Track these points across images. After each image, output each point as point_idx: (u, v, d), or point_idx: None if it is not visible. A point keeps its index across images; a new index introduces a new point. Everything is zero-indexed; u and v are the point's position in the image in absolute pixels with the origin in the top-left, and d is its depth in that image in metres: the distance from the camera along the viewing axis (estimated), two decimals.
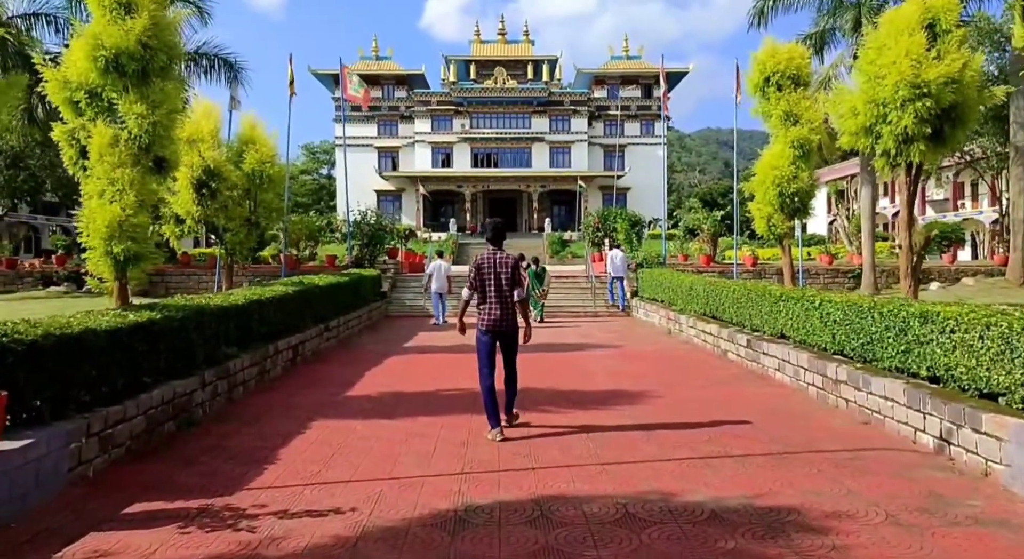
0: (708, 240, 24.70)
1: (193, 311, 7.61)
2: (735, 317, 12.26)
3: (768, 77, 15.77)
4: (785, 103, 15.56)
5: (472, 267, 6.89)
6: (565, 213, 57.35)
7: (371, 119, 59.35)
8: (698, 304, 14.40)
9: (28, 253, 45.52)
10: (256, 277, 21.06)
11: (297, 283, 12.54)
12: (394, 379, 10.03)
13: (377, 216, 22.34)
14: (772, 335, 10.60)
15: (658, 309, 17.11)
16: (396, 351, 13.09)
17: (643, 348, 13.49)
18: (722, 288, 13.07)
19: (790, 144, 15.62)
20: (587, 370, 10.78)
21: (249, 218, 15.63)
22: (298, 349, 11.16)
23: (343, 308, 14.60)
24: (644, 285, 19.11)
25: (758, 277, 22.28)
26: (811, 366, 8.66)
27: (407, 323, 18.17)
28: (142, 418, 6.16)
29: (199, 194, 14.46)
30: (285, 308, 10.84)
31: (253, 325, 9.52)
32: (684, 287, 15.38)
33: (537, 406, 8.03)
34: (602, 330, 16.59)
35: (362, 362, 11.61)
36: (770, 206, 16.13)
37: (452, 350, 13.01)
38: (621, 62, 60.72)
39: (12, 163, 24.40)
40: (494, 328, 6.75)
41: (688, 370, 10.86)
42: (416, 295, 20.74)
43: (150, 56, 10.70)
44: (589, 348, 13.37)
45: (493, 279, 6.71)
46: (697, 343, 13.68)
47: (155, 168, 11.30)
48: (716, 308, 13.34)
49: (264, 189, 15.64)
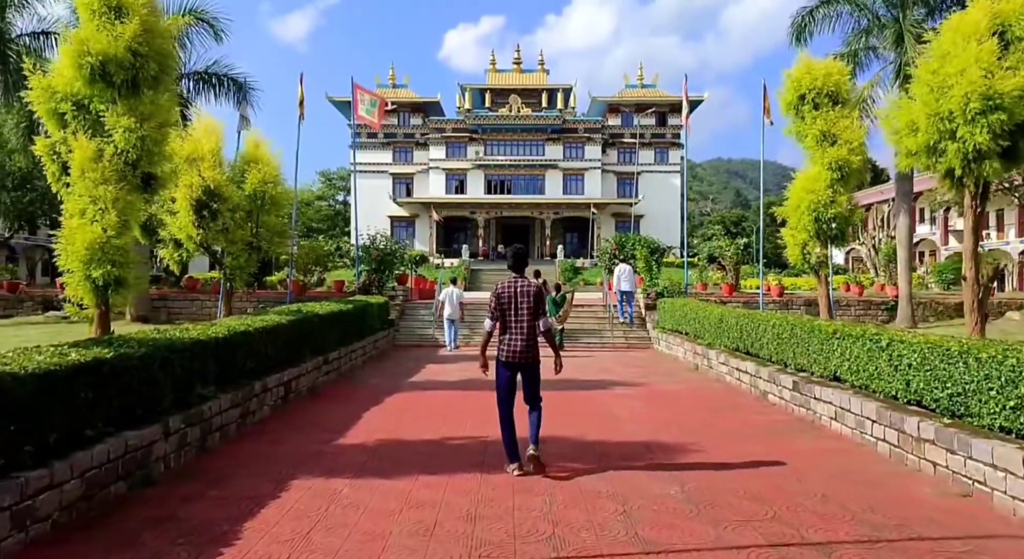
0: (731, 269, 23.35)
1: (160, 346, 6.37)
2: (775, 354, 10.90)
3: (803, 95, 14.62)
4: (822, 122, 14.37)
5: (492, 296, 6.41)
6: (578, 240, 56.19)
7: (387, 146, 58.76)
8: (729, 338, 13.05)
9: (45, 276, 44.71)
10: (261, 303, 19.90)
11: (294, 312, 11.32)
12: (395, 422, 8.73)
13: (386, 240, 21.18)
14: (823, 377, 9.24)
15: (682, 342, 15.75)
16: (401, 386, 11.79)
17: (670, 387, 12.12)
18: (759, 321, 11.72)
19: (827, 166, 14.42)
20: (613, 414, 9.43)
21: (251, 241, 14.48)
22: (291, 385, 9.89)
23: (346, 338, 13.35)
24: (665, 316, 17.77)
25: (784, 308, 20.88)
26: (881, 418, 7.29)
27: (415, 353, 16.89)
28: (78, 482, 4.90)
29: (199, 216, 13.35)
30: (277, 340, 9.60)
31: (238, 360, 8.27)
32: (712, 319, 14.04)
33: (560, 461, 6.70)
34: (622, 363, 15.24)
35: (362, 400, 10.32)
36: (805, 233, 14.88)
37: (461, 386, 11.71)
38: (636, 90, 59.87)
39: (19, 185, 23.50)
40: (514, 360, 6.25)
41: (726, 415, 9.49)
42: (425, 323, 19.48)
43: (140, 65, 9.66)
44: (611, 386, 12.02)
45: (514, 308, 6.26)
46: (730, 381, 12.30)
47: (143, 186, 10.21)
48: (751, 343, 11.98)
49: (267, 211, 14.52)
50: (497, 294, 6.36)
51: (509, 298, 6.30)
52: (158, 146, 10.05)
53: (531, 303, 6.28)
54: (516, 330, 6.26)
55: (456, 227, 57.03)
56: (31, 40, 20.07)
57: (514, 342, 6.25)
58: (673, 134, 59.64)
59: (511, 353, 6.25)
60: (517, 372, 6.33)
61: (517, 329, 6.26)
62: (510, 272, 6.50)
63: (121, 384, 5.63)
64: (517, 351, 6.23)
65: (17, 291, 22.24)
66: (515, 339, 6.25)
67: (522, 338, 6.25)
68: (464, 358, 15.73)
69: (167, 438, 6.16)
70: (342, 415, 9.13)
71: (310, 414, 9.25)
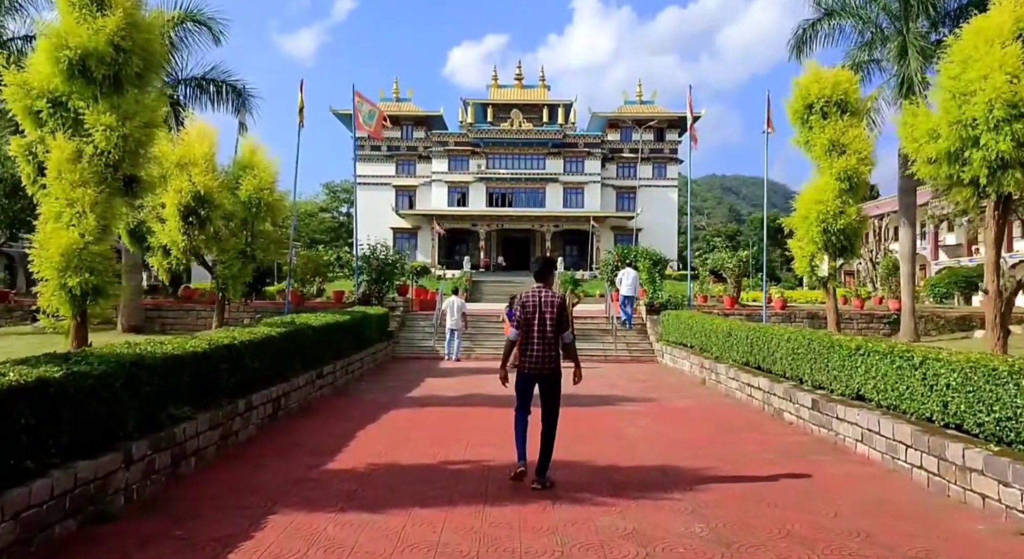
0: (732, 281, 22.56)
1: (125, 363, 5.56)
2: (789, 370, 10.09)
3: (811, 104, 13.88)
4: (831, 131, 13.63)
5: (518, 305, 6.27)
6: (577, 253, 55.47)
7: (390, 158, 58.17)
8: (738, 353, 12.24)
9: None
10: (258, 314, 19.08)
11: (286, 323, 10.52)
12: (391, 443, 7.90)
13: (387, 250, 20.40)
14: (844, 395, 8.43)
15: (688, 355, 14.94)
16: (399, 402, 10.96)
17: (680, 403, 11.29)
18: (771, 335, 10.92)
19: (836, 176, 13.67)
20: (623, 435, 8.61)
21: (244, 250, 13.68)
22: (281, 402, 9.07)
23: (342, 351, 12.54)
24: (670, 328, 16.97)
25: (787, 321, 20.06)
26: (917, 443, 6.47)
27: (415, 366, 16.06)
28: (10, 524, 4.08)
29: (186, 222, 12.56)
30: (266, 353, 8.79)
31: (220, 376, 7.46)
32: (720, 332, 13.24)
33: (571, 492, 5.89)
34: (627, 378, 14.41)
35: (357, 417, 9.50)
36: (813, 244, 14.10)
37: (462, 402, 10.90)
38: (635, 106, 59.32)
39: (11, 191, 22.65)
40: (533, 370, 6.09)
41: (742, 436, 8.66)
42: (426, 335, 18.66)
43: (123, 60, 8.89)
44: (619, 402, 11.20)
45: (537, 318, 6.08)
46: (740, 398, 11.49)
47: (125, 189, 9.42)
48: (763, 358, 11.18)
49: (262, 218, 13.72)
50: (522, 303, 6.17)
51: (533, 308, 6.10)
52: (142, 147, 9.28)
53: (555, 314, 6.06)
54: (538, 340, 6.04)
55: (458, 239, 56.30)
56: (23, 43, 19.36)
57: (534, 352, 6.05)
58: (671, 149, 59.10)
59: (531, 364, 6.06)
60: (535, 383, 6.13)
61: (540, 339, 6.04)
62: (535, 282, 6.32)
63: (74, 407, 4.82)
64: (536, 361, 6.04)
65: (7, 300, 21.40)
66: (535, 349, 6.05)
67: (544, 349, 6.04)
68: (465, 371, 14.91)
69: (129, 467, 5.34)
70: (334, 434, 8.32)
71: (299, 433, 8.43)
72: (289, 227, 16.13)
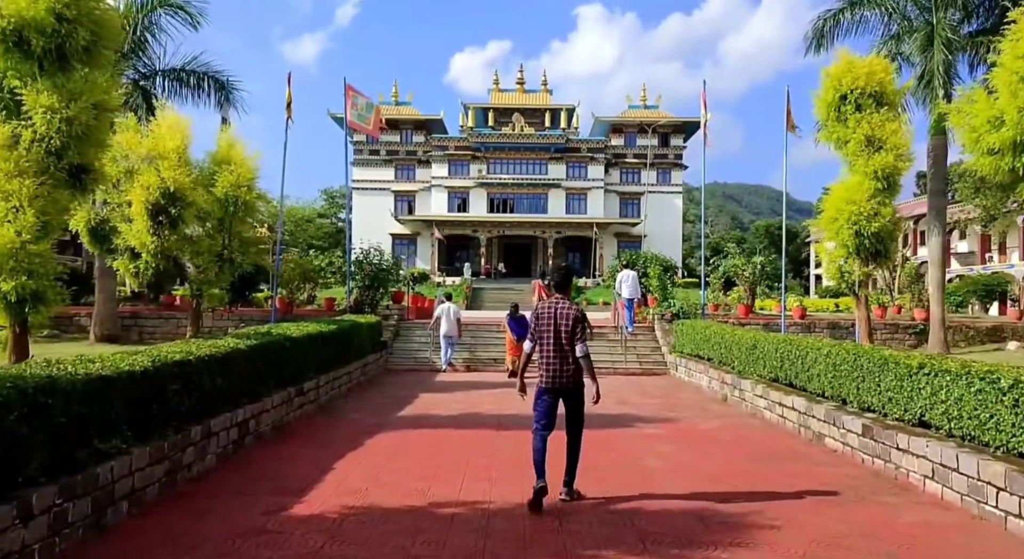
0: (747, 289, 21.40)
1: (26, 389, 4.39)
2: (829, 388, 8.91)
3: (844, 95, 12.73)
4: (866, 125, 12.47)
5: (533, 316, 6.05)
6: (580, 260, 54.37)
7: (388, 163, 57.17)
8: (766, 367, 11.06)
9: None
10: (243, 322, 17.91)
11: (261, 334, 9.35)
12: (372, 475, 6.72)
13: (380, 254, 19.23)
14: (904, 421, 7.25)
15: (706, 369, 13.74)
16: (387, 423, 9.76)
17: (703, 424, 10.09)
18: (805, 349, 9.73)
19: (871, 174, 12.50)
20: (644, 466, 7.42)
21: (221, 253, 12.52)
22: (249, 426, 7.88)
23: (326, 364, 11.37)
24: (684, 339, 15.78)
25: (807, 331, 18.88)
26: (1015, 486, 5.28)
27: (409, 379, 14.87)
28: None
29: (155, 222, 11.41)
30: (231, 369, 7.62)
31: (169, 399, 6.29)
32: (744, 344, 12.06)
33: (590, 549, 4.73)
34: (640, 393, 13.22)
35: (338, 441, 8.31)
36: (844, 249, 12.92)
37: (460, 423, 9.71)
38: (639, 111, 58.35)
39: None
40: (553, 385, 5.86)
41: (784, 467, 7.47)
42: (421, 346, 17.46)
43: (67, 31, 7.73)
44: (635, 423, 10.01)
45: (553, 331, 5.84)
46: (769, 418, 10.29)
47: (71, 180, 8.26)
48: (796, 374, 9.99)
49: (240, 218, 12.55)
50: (537, 315, 5.95)
51: (548, 320, 5.86)
52: (92, 132, 8.10)
53: (570, 326, 5.82)
54: (555, 354, 5.81)
55: (458, 245, 55.22)
56: None
57: (551, 366, 5.82)
58: (676, 154, 58.07)
59: (549, 378, 5.84)
60: (559, 398, 5.90)
61: (557, 352, 5.81)
62: (554, 292, 6.10)
63: None
64: (554, 375, 5.82)
65: None
66: (552, 363, 5.82)
67: (562, 362, 5.81)
68: (463, 385, 13.72)
69: (26, 523, 4.16)
70: (308, 465, 7.13)
71: (268, 464, 7.24)
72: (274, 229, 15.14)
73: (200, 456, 6.64)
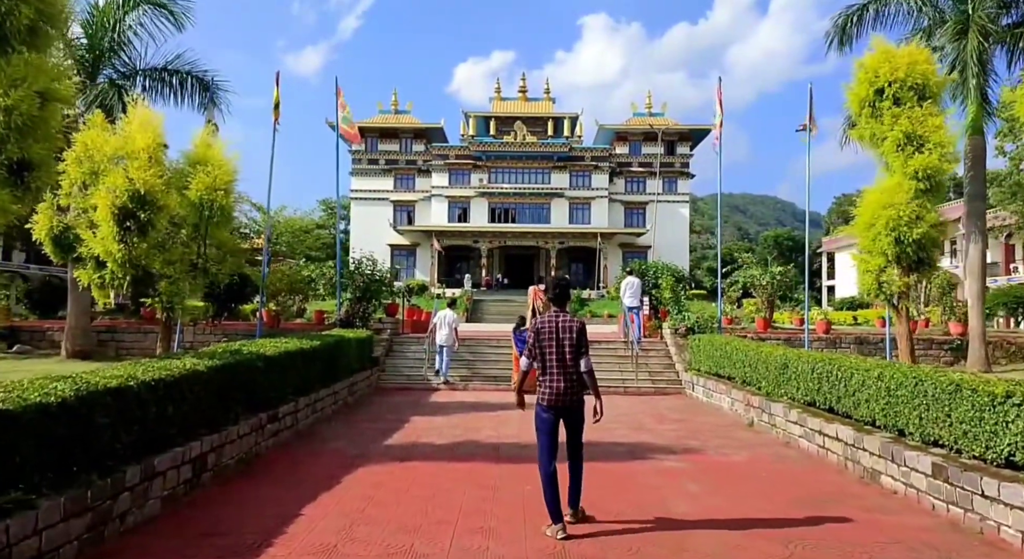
0: (764, 301, 20.27)
1: None
2: (883, 417, 7.77)
3: (881, 89, 11.68)
4: (906, 121, 11.40)
5: (531, 331, 5.84)
6: (583, 271, 53.22)
7: (388, 172, 56.20)
8: (801, 389, 9.93)
9: None
10: (227, 336, 16.83)
11: (231, 352, 8.25)
12: (345, 528, 5.58)
13: (373, 264, 18.13)
14: (986, 461, 6.11)
15: (728, 389, 12.61)
16: (371, 453, 8.62)
17: (732, 455, 8.94)
18: (849, 369, 8.60)
19: (911, 175, 11.42)
20: (670, 511, 6.26)
21: (195, 262, 11.43)
22: (206, 462, 6.76)
23: (307, 384, 10.26)
24: (701, 356, 14.64)
25: (832, 346, 17.72)
26: None
27: (402, 400, 13.73)
28: None
29: (122, 228, 10.33)
30: (185, 396, 6.51)
31: (102, 434, 5.18)
32: (773, 363, 10.93)
33: None
34: (655, 416, 12.08)
35: (310, 479, 7.18)
36: (881, 257, 11.82)
37: (453, 453, 8.57)
38: (643, 119, 57.36)
39: None
40: (557, 403, 5.59)
41: (837, 511, 6.30)
42: (416, 362, 16.31)
43: (7, 9, 6.69)
44: (652, 454, 8.86)
45: (555, 346, 5.59)
46: (807, 448, 9.15)
47: (12, 177, 7.20)
48: (837, 399, 8.86)
49: (216, 224, 11.46)
50: (536, 329, 5.72)
51: (549, 334, 5.61)
52: (36, 124, 7.04)
53: (574, 340, 5.60)
54: (558, 370, 5.58)
55: (458, 256, 54.15)
56: None
57: (555, 383, 5.57)
58: (682, 163, 57.08)
59: (552, 397, 5.58)
60: (559, 417, 5.65)
61: (559, 369, 5.58)
62: (551, 306, 5.86)
63: None
64: (558, 393, 5.56)
65: None
66: (556, 380, 5.57)
67: (564, 379, 5.57)
68: (459, 406, 12.59)
69: None
70: (272, 510, 6.01)
71: (224, 510, 6.10)
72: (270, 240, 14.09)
73: (139, 503, 5.52)
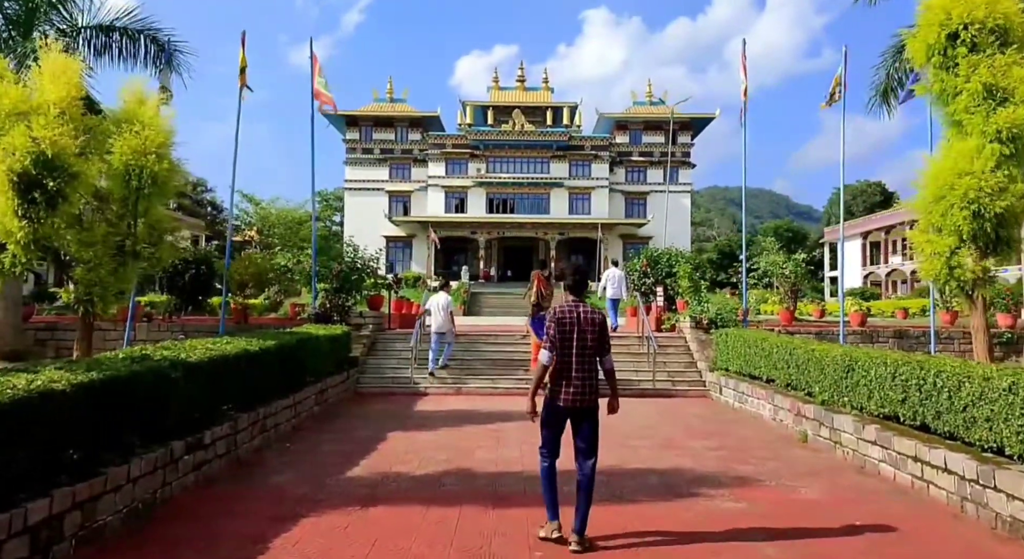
0: (787, 291, 18.09)
1: None
2: (1016, 443, 5.59)
3: (955, 32, 9.45)
4: (986, 71, 9.18)
5: (551, 321, 4.96)
6: (584, 262, 50.97)
7: (383, 162, 53.88)
8: (875, 398, 7.74)
9: None
10: (185, 333, 14.63)
11: (133, 359, 6.06)
12: None
13: (355, 250, 15.92)
14: None
15: (768, 394, 10.43)
16: (325, 493, 6.41)
17: (800, 489, 6.72)
18: (956, 376, 6.40)
19: (994, 136, 9.19)
20: None
21: (123, 244, 9.19)
22: (60, 528, 4.55)
23: (255, 395, 8.07)
24: (730, 353, 12.46)
25: (868, 341, 15.56)
26: None
27: (382, 408, 11.53)
28: None
29: (25, 200, 8.11)
30: (30, 431, 4.31)
31: None
32: (832, 364, 8.74)
33: None
34: (685, 429, 9.91)
35: (222, 544, 4.99)
36: (954, 236, 9.62)
37: (437, 491, 6.31)
38: (644, 108, 55.17)
39: None
40: (572, 403, 4.84)
41: None
42: (403, 362, 14.09)
43: None
44: (696, 488, 6.65)
45: (577, 338, 4.87)
46: (893, 477, 6.97)
47: None
48: (935, 414, 6.68)
49: (147, 197, 9.22)
50: (558, 319, 4.92)
51: (571, 325, 4.89)
52: None
53: (597, 334, 4.93)
54: (578, 366, 4.87)
55: (456, 248, 51.92)
56: None
57: (574, 380, 4.85)
58: (684, 152, 54.78)
59: (569, 395, 4.85)
60: (570, 418, 4.93)
61: (580, 365, 4.87)
62: (568, 295, 5.13)
63: None
64: (576, 391, 4.84)
65: None
66: (576, 377, 4.85)
67: (586, 377, 4.88)
68: (451, 419, 10.40)
69: None
70: None
71: None
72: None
73: None
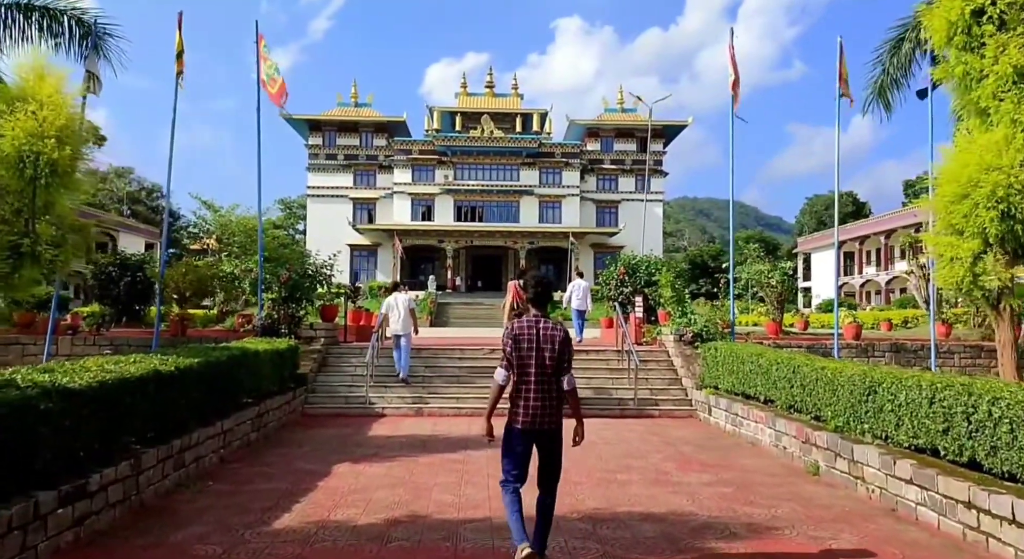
0: (774, 301, 17.08)
1: None
2: None
3: (981, 8, 8.46)
4: (1016, 52, 8.19)
5: (507, 337, 4.57)
6: (555, 272, 49.89)
7: (347, 168, 52.20)
8: (904, 427, 6.59)
9: None
10: (112, 348, 13.00)
11: None
12: None
13: (304, 257, 14.52)
14: None
15: (767, 418, 9.24)
16: (243, 553, 5.00)
17: (828, 541, 5.46)
18: (1018, 402, 5.27)
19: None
20: None
21: (19, 244, 7.69)
22: None
23: (169, 426, 6.61)
24: (720, 370, 11.29)
25: (863, 355, 14.55)
26: None
27: (331, 434, 10.09)
28: None
29: None
30: None
31: None
32: (848, 384, 7.59)
33: None
34: (677, 459, 8.67)
35: None
36: (978, 238, 8.61)
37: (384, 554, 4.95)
38: (616, 115, 54.42)
39: None
40: (532, 426, 4.47)
41: None
42: (356, 380, 12.64)
43: None
44: (702, 539, 5.35)
45: (535, 357, 4.47)
46: (937, 525, 5.79)
47: None
48: (991, 448, 5.52)
49: (49, 190, 7.73)
50: (514, 336, 4.52)
51: (529, 343, 4.49)
52: None
53: (556, 351, 4.50)
54: (536, 386, 4.45)
55: (423, 257, 50.40)
56: None
57: (533, 401, 4.45)
58: (656, 160, 54.06)
59: (528, 417, 4.45)
60: (533, 442, 4.51)
61: (538, 384, 4.45)
62: (530, 309, 4.68)
63: None
64: (536, 413, 4.44)
65: None
66: (534, 397, 4.45)
67: (545, 397, 4.46)
68: (408, 446, 9.02)
69: None
70: None
71: None
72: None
73: None
